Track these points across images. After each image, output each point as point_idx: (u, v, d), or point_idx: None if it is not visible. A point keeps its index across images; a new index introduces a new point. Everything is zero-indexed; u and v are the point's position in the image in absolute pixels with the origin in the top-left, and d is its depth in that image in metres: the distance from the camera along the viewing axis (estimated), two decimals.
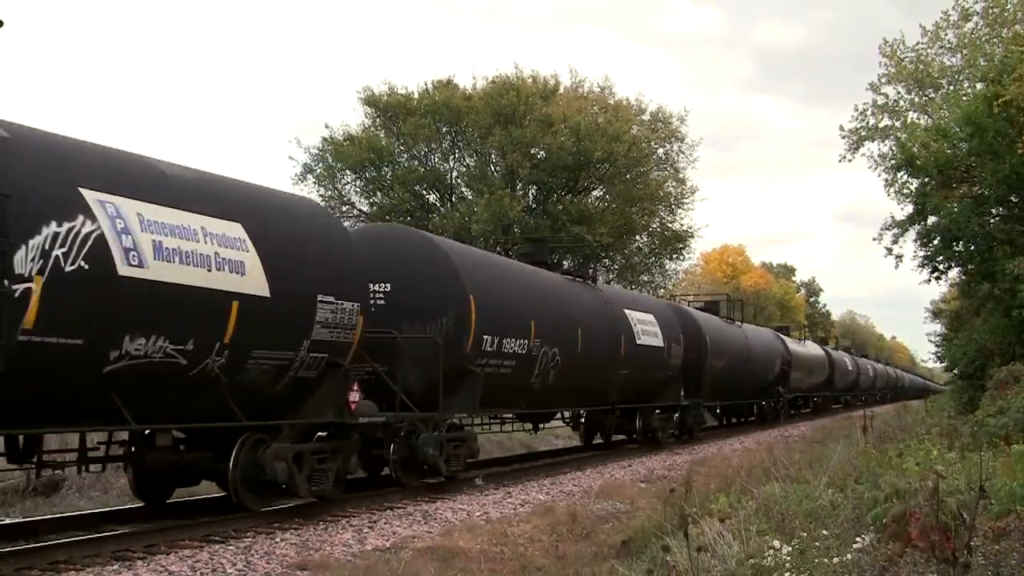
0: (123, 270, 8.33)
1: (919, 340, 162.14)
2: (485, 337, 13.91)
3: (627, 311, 20.05)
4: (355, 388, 11.23)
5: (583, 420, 21.43)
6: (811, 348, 42.40)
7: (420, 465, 13.09)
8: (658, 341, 21.07)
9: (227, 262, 9.44)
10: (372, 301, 12.81)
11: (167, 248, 8.78)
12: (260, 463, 10.20)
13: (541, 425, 19.38)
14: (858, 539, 5.93)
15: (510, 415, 17.66)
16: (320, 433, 11.36)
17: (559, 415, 20.65)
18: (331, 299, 10.84)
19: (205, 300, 9.16)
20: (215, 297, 9.28)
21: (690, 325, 24.18)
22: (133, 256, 8.40)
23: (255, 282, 9.75)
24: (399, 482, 13.03)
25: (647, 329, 20.61)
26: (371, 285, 12.89)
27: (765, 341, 33.05)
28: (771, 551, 5.66)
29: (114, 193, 8.52)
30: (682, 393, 22.82)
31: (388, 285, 13.50)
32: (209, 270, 9.20)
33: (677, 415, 23.04)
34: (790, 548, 5.81)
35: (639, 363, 19.93)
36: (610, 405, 19.51)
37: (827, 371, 42.52)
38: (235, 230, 9.69)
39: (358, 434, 11.75)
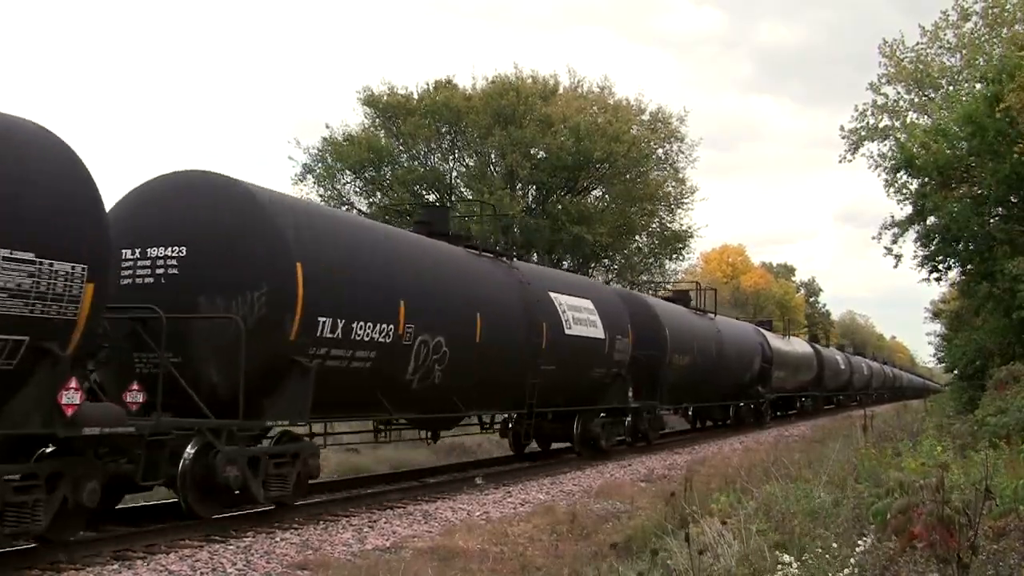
0: None
1: (919, 340, 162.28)
2: (322, 320, 10.81)
3: (553, 295, 16.83)
4: (73, 386, 8.05)
5: (511, 426, 18.07)
6: (797, 344, 39.83)
7: (224, 489, 9.96)
8: (597, 332, 17.91)
9: None
10: (163, 270, 10.40)
11: None
12: None
13: (441, 433, 15.76)
14: (860, 542, 5.91)
15: (403, 422, 14.43)
16: (46, 449, 8.37)
17: (479, 419, 17.16)
18: (28, 256, 7.61)
19: None
20: None
21: (644, 315, 21.07)
22: None
23: None
24: (191, 513, 9.86)
25: (582, 317, 17.44)
26: (160, 249, 10.40)
27: (742, 336, 30.15)
28: (780, 567, 5.61)
29: None
30: (631, 394, 19.68)
31: (183, 249, 10.37)
32: None
33: (629, 419, 20.10)
34: (799, 563, 5.74)
35: (569, 358, 16.78)
36: (526, 408, 16.06)
37: (815, 369, 40.17)
38: None
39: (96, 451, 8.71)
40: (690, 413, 29.09)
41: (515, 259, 17.17)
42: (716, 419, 30.58)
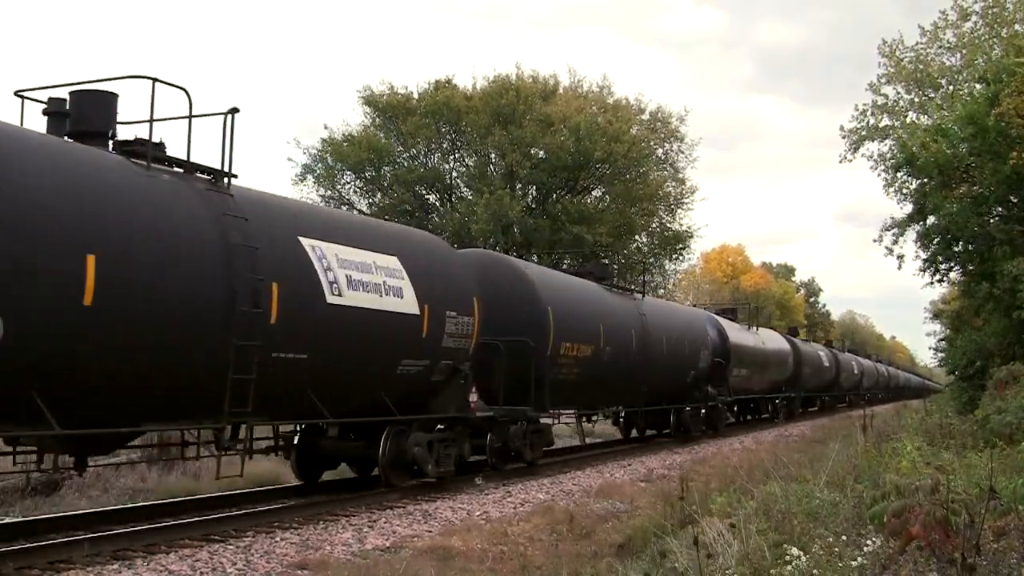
0: None
1: (919, 340, 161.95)
2: None
3: (309, 242, 10.86)
4: None
5: (295, 443, 12.75)
6: (767, 337, 33.91)
7: None
8: (403, 304, 12.11)
9: None
10: None
11: None
12: None
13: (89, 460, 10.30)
14: (867, 543, 5.91)
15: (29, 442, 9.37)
16: None
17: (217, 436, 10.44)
18: None
19: None
20: None
21: (508, 286, 15.68)
22: None
23: None
24: None
25: (371, 281, 11.62)
26: None
27: (683, 323, 23.93)
28: (791, 559, 5.61)
29: None
30: (474, 397, 14.35)
31: None
32: None
33: (490, 435, 14.91)
34: (808, 556, 5.75)
35: (341, 341, 11.08)
36: (226, 418, 9.87)
37: (791, 367, 35.07)
38: None
39: None
40: (621, 419, 23.70)
41: (231, 181, 10.38)
42: (643, 426, 24.09)
